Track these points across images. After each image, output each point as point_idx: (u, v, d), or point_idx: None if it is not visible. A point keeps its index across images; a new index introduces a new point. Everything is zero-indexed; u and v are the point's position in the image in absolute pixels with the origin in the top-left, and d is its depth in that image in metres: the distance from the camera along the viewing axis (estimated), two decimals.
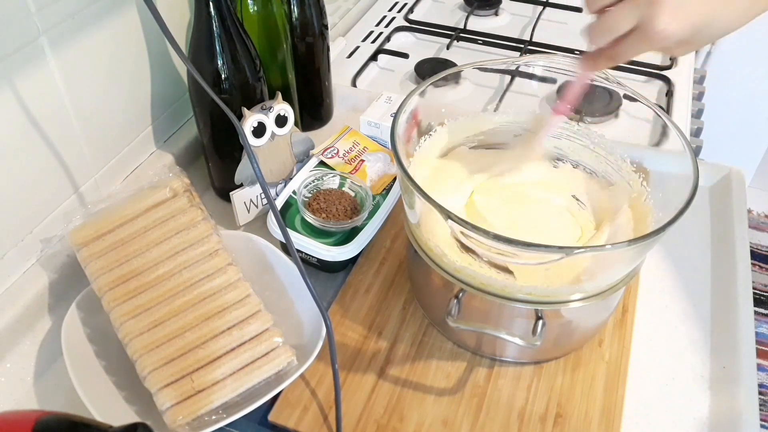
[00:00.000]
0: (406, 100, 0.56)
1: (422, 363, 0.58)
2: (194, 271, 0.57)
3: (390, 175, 0.70)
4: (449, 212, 0.46)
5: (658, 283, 0.66)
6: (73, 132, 0.64)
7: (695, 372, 0.58)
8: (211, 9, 0.61)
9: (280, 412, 0.55)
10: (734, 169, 0.76)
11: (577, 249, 0.45)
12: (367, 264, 0.67)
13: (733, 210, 0.71)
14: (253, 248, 0.63)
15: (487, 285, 0.51)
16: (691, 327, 0.62)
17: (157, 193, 0.60)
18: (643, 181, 0.57)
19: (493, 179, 0.62)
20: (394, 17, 1.11)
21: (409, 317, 0.62)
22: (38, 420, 0.37)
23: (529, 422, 0.54)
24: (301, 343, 0.56)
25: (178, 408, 0.51)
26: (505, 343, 0.56)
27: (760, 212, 1.99)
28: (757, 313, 1.68)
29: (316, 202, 0.67)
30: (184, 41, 0.73)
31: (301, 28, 0.76)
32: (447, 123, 0.63)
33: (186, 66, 0.53)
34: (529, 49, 1.01)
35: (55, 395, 0.57)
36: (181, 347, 0.53)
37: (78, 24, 0.60)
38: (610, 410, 0.54)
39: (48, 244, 0.64)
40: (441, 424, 0.54)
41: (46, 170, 0.62)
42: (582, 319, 0.56)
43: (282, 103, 0.66)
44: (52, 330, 0.62)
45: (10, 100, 0.56)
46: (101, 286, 0.56)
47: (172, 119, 0.78)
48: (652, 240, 0.46)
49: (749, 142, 1.87)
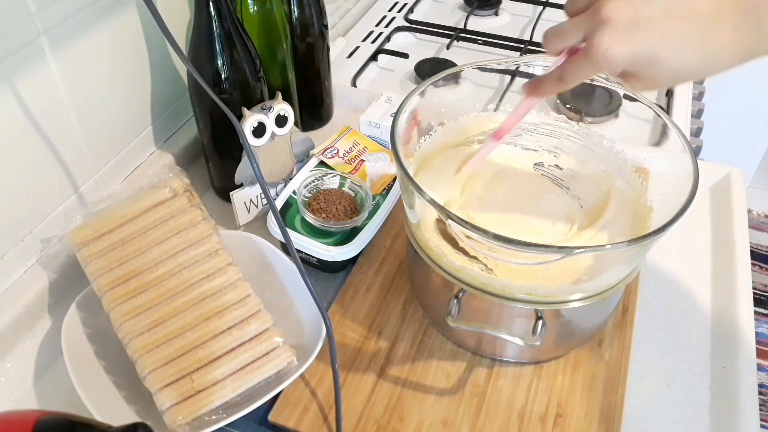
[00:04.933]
0: (406, 100, 0.56)
1: (422, 363, 0.58)
2: (194, 271, 0.57)
3: (390, 175, 0.70)
4: (449, 212, 0.46)
5: (658, 283, 0.66)
6: (73, 132, 0.64)
7: (695, 372, 0.58)
8: (211, 9, 0.61)
9: (280, 412, 0.55)
10: (734, 169, 0.76)
11: (577, 249, 0.45)
12: (367, 264, 0.67)
13: (733, 210, 0.71)
14: (253, 248, 0.63)
15: (487, 285, 0.51)
16: (691, 327, 0.62)
17: (157, 193, 0.60)
18: (643, 181, 0.57)
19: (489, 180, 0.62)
20: (394, 17, 1.12)
21: (409, 317, 0.62)
22: (38, 420, 0.37)
23: (529, 422, 0.54)
24: (301, 343, 0.56)
25: (178, 408, 0.51)
26: (505, 343, 0.56)
27: (760, 212, 1.99)
28: (757, 313, 1.68)
29: (316, 202, 0.67)
30: (184, 41, 0.73)
31: (301, 28, 0.76)
32: (447, 123, 0.63)
33: (186, 66, 0.53)
34: (529, 49, 1.01)
35: (55, 395, 0.57)
36: (181, 347, 0.53)
37: (78, 24, 0.60)
38: (610, 410, 0.54)
39: (48, 244, 0.64)
40: (441, 424, 0.54)
41: (46, 170, 0.62)
42: (582, 319, 0.56)
43: (282, 103, 0.66)
44: (52, 330, 0.62)
45: (10, 100, 0.56)
46: (101, 286, 0.56)
47: (172, 119, 0.78)
48: (652, 240, 0.46)
49: (749, 142, 1.87)
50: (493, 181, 0.62)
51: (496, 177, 0.62)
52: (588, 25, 0.41)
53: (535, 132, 0.64)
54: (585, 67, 0.42)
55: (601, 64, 0.41)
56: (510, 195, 0.61)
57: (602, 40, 0.40)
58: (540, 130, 0.64)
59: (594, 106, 0.85)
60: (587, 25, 0.41)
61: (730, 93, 1.73)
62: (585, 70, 0.43)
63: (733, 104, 1.75)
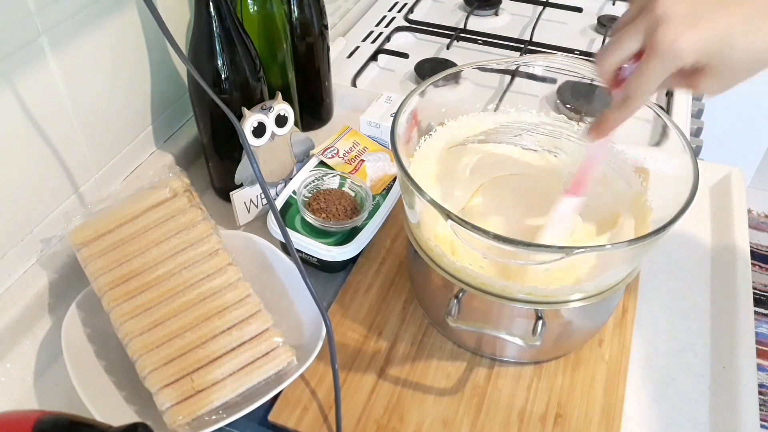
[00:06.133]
0: (406, 100, 0.56)
1: (422, 363, 0.58)
2: (194, 271, 0.57)
3: (390, 175, 0.70)
4: (449, 212, 0.46)
5: (658, 283, 0.66)
6: (73, 132, 0.64)
7: (695, 372, 0.58)
8: (211, 9, 0.61)
9: (280, 412, 0.55)
10: (734, 169, 0.76)
11: (578, 249, 0.45)
12: (367, 264, 0.67)
13: (733, 210, 0.71)
14: (253, 248, 0.63)
15: (487, 285, 0.51)
16: (691, 327, 0.62)
17: (157, 193, 0.60)
18: (643, 181, 0.57)
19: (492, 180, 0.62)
20: (394, 17, 1.12)
21: (409, 317, 0.62)
22: (38, 420, 0.37)
23: (529, 422, 0.54)
24: (301, 343, 0.56)
25: (178, 408, 0.51)
26: (505, 343, 0.56)
27: (760, 212, 1.99)
28: (757, 313, 1.69)
29: (316, 202, 0.67)
30: (184, 41, 0.73)
31: (301, 28, 0.77)
32: (447, 123, 0.63)
33: (186, 66, 0.53)
34: (529, 49, 1.01)
35: (55, 395, 0.57)
36: (181, 347, 0.53)
37: (78, 24, 0.60)
38: (610, 410, 0.54)
39: (48, 244, 0.64)
40: (441, 424, 0.54)
41: (46, 170, 0.62)
42: (582, 319, 0.56)
43: (282, 103, 0.66)
44: (52, 330, 0.62)
45: (10, 100, 0.56)
46: (101, 286, 0.56)
47: (172, 119, 0.79)
48: (652, 240, 0.46)
49: (749, 142, 1.87)
50: (494, 181, 0.62)
51: (497, 178, 0.62)
52: (645, 26, 0.39)
53: (535, 132, 0.64)
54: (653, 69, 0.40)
55: (670, 59, 0.39)
56: (510, 195, 0.61)
57: (667, 33, 0.38)
58: (540, 130, 0.64)
59: (594, 106, 0.85)
60: (645, 27, 0.39)
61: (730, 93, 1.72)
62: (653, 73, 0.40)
63: (733, 104, 1.75)
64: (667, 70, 0.39)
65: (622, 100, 0.42)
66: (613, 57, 0.42)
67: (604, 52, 0.42)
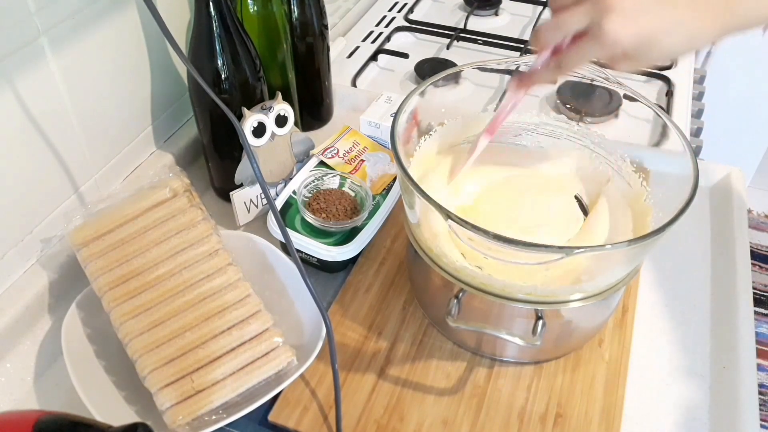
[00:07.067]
0: (406, 100, 0.56)
1: (422, 363, 0.58)
2: (194, 271, 0.57)
3: (390, 175, 0.70)
4: (449, 212, 0.46)
5: (658, 283, 0.66)
6: (73, 132, 0.64)
7: (695, 372, 0.58)
8: (211, 9, 0.61)
9: (280, 412, 0.55)
10: (734, 169, 0.76)
11: (577, 249, 0.45)
12: (367, 264, 0.67)
13: (733, 210, 0.71)
14: (253, 248, 0.63)
15: (487, 285, 0.51)
16: (691, 327, 0.62)
17: (157, 193, 0.60)
18: (643, 181, 0.57)
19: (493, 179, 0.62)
20: (394, 17, 1.12)
21: (409, 317, 0.62)
22: (38, 420, 0.37)
23: (529, 422, 0.54)
24: (301, 343, 0.56)
25: (178, 408, 0.51)
26: (505, 343, 0.56)
27: (760, 212, 1.99)
28: (757, 313, 1.69)
29: (316, 202, 0.67)
30: (184, 41, 0.73)
31: (301, 28, 0.77)
32: (447, 123, 0.63)
33: (186, 66, 0.53)
34: (529, 49, 1.01)
35: (55, 395, 0.57)
36: (181, 347, 0.53)
37: (78, 24, 0.60)
38: (610, 410, 0.54)
39: (48, 244, 0.64)
40: (441, 424, 0.54)
41: (46, 170, 0.62)
42: (582, 319, 0.56)
43: (282, 103, 0.67)
44: (52, 330, 0.62)
45: (10, 100, 0.56)
46: (101, 286, 0.56)
47: (172, 119, 0.79)
48: (652, 240, 0.46)
49: (749, 142, 1.87)
50: (494, 182, 0.62)
51: (497, 178, 0.62)
52: (593, 13, 0.44)
53: (535, 132, 0.64)
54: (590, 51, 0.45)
55: (609, 46, 0.44)
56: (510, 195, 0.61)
57: (612, 23, 0.43)
58: (540, 130, 0.64)
59: (594, 106, 0.85)
60: (592, 14, 0.44)
61: (730, 93, 1.73)
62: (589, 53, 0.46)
63: (733, 104, 1.75)
64: (602, 54, 0.45)
65: (554, 66, 0.48)
66: (555, 34, 0.47)
67: (548, 29, 0.47)
